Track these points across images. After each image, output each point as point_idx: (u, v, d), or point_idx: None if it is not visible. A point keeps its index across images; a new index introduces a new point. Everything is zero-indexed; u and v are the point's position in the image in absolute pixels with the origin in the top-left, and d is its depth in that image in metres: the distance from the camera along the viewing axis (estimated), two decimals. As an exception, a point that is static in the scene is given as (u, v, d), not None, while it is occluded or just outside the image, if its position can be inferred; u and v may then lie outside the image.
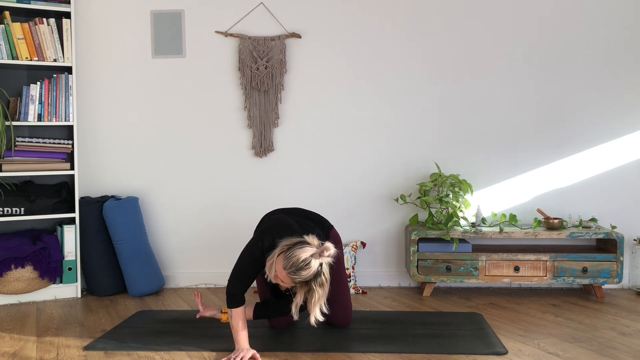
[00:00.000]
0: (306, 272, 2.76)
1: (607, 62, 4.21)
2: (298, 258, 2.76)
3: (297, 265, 2.76)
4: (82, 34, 4.25)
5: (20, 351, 3.04)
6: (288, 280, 2.82)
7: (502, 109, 4.26)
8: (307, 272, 2.76)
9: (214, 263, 4.33)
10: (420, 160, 4.29)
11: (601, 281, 3.91)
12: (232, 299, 2.95)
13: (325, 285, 2.83)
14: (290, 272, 2.77)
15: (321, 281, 2.80)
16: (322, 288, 2.82)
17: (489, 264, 3.94)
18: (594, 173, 4.25)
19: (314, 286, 2.80)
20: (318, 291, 2.81)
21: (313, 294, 2.81)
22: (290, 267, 2.77)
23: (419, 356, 2.91)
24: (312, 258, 2.77)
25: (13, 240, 3.94)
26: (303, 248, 2.80)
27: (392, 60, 4.26)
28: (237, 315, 2.94)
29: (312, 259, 2.77)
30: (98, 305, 3.90)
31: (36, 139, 4.02)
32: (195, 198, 4.34)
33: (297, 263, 2.75)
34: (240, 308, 2.95)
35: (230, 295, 2.96)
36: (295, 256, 2.76)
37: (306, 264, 2.75)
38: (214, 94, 4.31)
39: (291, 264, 2.76)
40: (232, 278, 2.99)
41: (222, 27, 4.27)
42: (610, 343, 3.09)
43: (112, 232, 4.09)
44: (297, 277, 2.77)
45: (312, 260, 2.77)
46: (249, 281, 3.00)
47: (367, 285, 4.31)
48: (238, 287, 2.97)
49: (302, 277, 2.77)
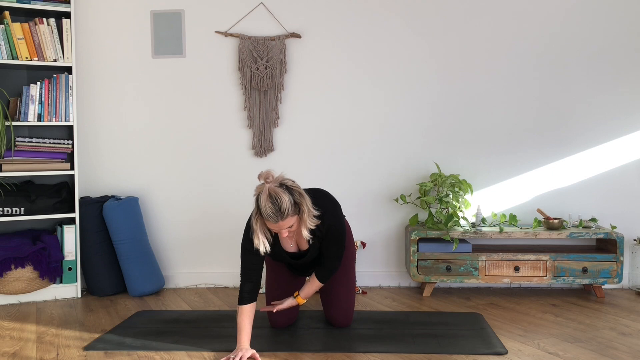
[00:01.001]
0: (284, 203, 2.74)
1: (607, 62, 4.21)
2: (265, 204, 2.73)
3: (271, 209, 2.73)
4: (82, 34, 4.25)
5: (20, 351, 3.04)
6: (276, 227, 2.80)
7: (502, 109, 4.26)
8: (282, 204, 2.73)
9: (214, 263, 4.33)
10: (420, 160, 4.29)
11: (601, 281, 3.91)
12: (240, 296, 2.97)
13: (303, 195, 2.83)
14: (269, 217, 2.75)
15: (298, 200, 2.81)
16: (302, 198, 2.83)
17: (489, 264, 3.94)
18: (594, 173, 4.25)
19: (299, 200, 2.81)
20: (302, 209, 2.83)
21: (302, 214, 2.84)
22: (267, 215, 2.75)
23: (419, 356, 2.91)
24: (269, 193, 2.73)
25: (13, 240, 3.94)
26: (259, 200, 2.77)
27: (392, 59, 4.26)
28: (243, 312, 2.94)
29: (270, 192, 2.73)
30: (98, 305, 3.90)
31: (36, 139, 4.02)
32: (195, 198, 4.34)
33: (268, 208, 2.73)
34: (248, 306, 2.95)
35: (240, 292, 2.99)
36: (262, 205, 2.74)
37: (274, 200, 2.73)
38: (214, 94, 4.31)
39: (268, 214, 2.74)
40: (241, 276, 3.02)
41: (222, 27, 4.27)
42: (610, 343, 3.09)
43: (112, 232, 4.09)
44: (280, 216, 2.75)
45: (274, 193, 2.73)
46: (255, 276, 3.00)
47: (367, 285, 4.31)
48: (247, 285, 2.98)
49: (283, 211, 2.74)
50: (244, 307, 2.95)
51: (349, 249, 3.33)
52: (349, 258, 3.33)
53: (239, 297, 2.97)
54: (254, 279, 2.99)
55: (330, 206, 3.04)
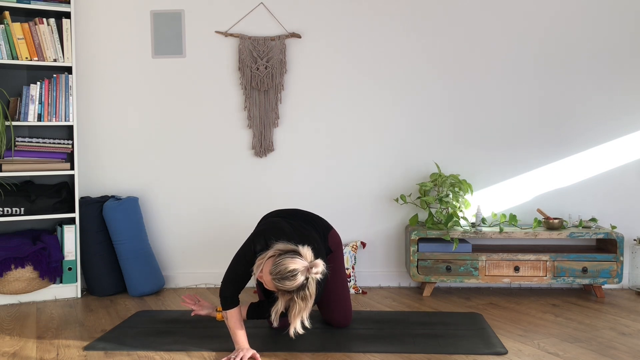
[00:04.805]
0: (290, 282, 2.72)
1: (608, 62, 4.21)
2: (286, 267, 2.71)
3: (283, 274, 2.72)
4: (82, 34, 4.25)
5: (20, 351, 3.04)
6: (271, 285, 2.79)
7: (502, 109, 4.26)
8: (291, 284, 2.72)
9: (214, 263, 4.33)
10: (420, 160, 4.29)
11: (601, 281, 3.91)
12: (226, 301, 2.96)
13: (308, 300, 2.77)
14: (275, 279, 2.74)
15: (304, 295, 2.75)
16: (305, 302, 2.77)
17: (489, 264, 3.94)
18: (594, 173, 4.25)
19: (296, 298, 2.75)
20: (299, 304, 2.76)
21: (294, 305, 2.77)
22: (276, 274, 2.73)
23: (419, 356, 2.91)
24: (300, 271, 2.72)
25: (13, 240, 3.93)
26: (294, 259, 2.75)
27: (393, 59, 4.26)
28: (232, 316, 2.94)
29: (300, 272, 2.72)
30: (98, 305, 3.90)
31: (36, 139, 4.02)
32: (195, 198, 4.34)
33: (284, 272, 2.71)
34: (235, 309, 2.95)
35: (224, 297, 2.96)
36: (284, 265, 2.72)
37: (292, 275, 2.71)
38: (214, 94, 4.30)
39: (278, 271, 2.73)
40: (225, 280, 2.99)
41: (222, 27, 4.27)
42: (610, 343, 3.09)
43: (112, 232, 4.09)
44: (280, 286, 2.74)
45: (299, 273, 2.72)
46: (241, 283, 2.99)
47: (367, 285, 4.31)
48: (231, 289, 2.97)
49: (285, 287, 2.73)
50: (232, 311, 2.95)
51: (337, 252, 3.34)
52: (339, 260, 3.33)
53: (224, 302, 2.95)
54: (239, 285, 2.98)
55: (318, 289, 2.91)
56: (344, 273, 3.36)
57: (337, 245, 3.34)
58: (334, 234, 3.37)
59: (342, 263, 3.37)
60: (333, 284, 3.25)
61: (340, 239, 3.39)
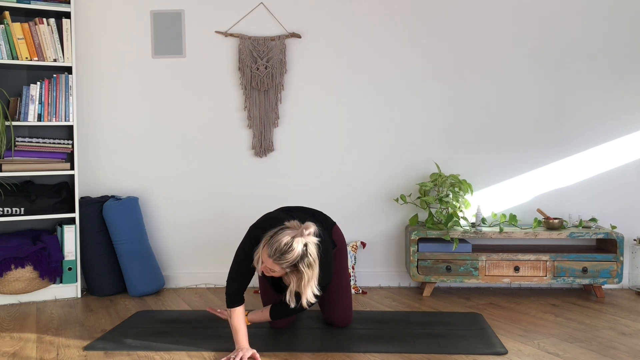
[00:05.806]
0: (290, 254, 2.73)
1: (607, 62, 4.21)
2: (280, 242, 2.73)
3: (280, 250, 2.73)
4: (82, 34, 4.25)
5: (20, 351, 3.04)
6: (276, 267, 2.79)
7: (502, 109, 4.26)
8: (292, 255, 2.73)
9: (214, 263, 4.33)
10: (420, 160, 4.29)
11: (601, 281, 3.91)
12: (231, 299, 2.96)
13: (313, 265, 2.78)
14: (276, 259, 2.75)
15: (309, 262, 2.76)
16: (311, 268, 2.78)
17: (489, 264, 3.94)
18: (594, 173, 4.25)
19: (302, 268, 2.76)
20: (307, 272, 2.77)
21: (302, 276, 2.78)
22: (274, 254, 2.74)
23: (419, 356, 2.91)
24: (294, 239, 2.74)
25: (13, 240, 3.94)
26: (283, 232, 2.78)
27: (393, 59, 4.26)
28: (236, 314, 2.95)
29: (294, 240, 2.74)
30: (98, 305, 3.90)
31: (36, 139, 4.02)
32: (195, 198, 4.34)
33: (280, 247, 2.73)
34: (239, 307, 2.96)
35: (229, 295, 2.97)
36: (277, 241, 2.74)
37: (289, 246, 2.72)
38: (214, 94, 4.31)
39: (274, 249, 2.74)
40: (229, 278, 2.99)
41: (222, 27, 4.27)
42: (610, 343, 3.09)
43: (112, 232, 4.09)
44: (283, 262, 2.74)
45: (294, 241, 2.73)
46: (245, 279, 2.99)
47: (367, 285, 4.31)
48: (235, 286, 2.97)
49: (288, 261, 2.74)
50: (236, 309, 2.95)
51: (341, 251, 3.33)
52: (342, 258, 3.33)
53: (229, 300, 2.95)
54: (242, 282, 2.99)
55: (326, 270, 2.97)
56: (346, 273, 3.36)
57: (341, 242, 3.33)
58: (338, 230, 3.36)
59: (346, 261, 3.36)
60: (336, 281, 3.25)
61: (343, 237, 3.38)
